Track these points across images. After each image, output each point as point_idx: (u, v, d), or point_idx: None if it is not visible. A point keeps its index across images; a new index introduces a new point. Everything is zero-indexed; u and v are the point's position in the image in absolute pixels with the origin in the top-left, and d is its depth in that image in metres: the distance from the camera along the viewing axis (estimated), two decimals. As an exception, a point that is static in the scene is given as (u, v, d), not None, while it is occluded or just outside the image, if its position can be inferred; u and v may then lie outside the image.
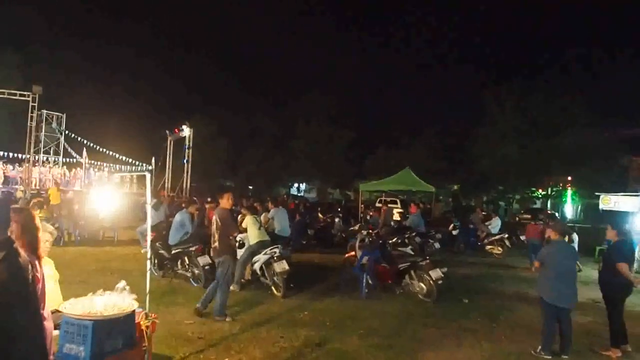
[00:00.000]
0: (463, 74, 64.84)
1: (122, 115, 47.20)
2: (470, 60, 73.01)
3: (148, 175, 5.33)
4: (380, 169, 34.33)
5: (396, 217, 18.26)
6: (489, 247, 17.02)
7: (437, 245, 15.33)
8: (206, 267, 8.70)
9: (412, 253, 10.83)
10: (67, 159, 33.82)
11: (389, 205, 22.38)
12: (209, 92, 54.17)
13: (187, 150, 32.83)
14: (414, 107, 58.40)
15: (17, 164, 29.00)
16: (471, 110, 48.33)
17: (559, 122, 31.53)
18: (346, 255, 11.35)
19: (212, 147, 41.60)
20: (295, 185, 47.84)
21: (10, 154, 28.59)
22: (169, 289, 8.70)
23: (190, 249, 9.03)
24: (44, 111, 31.43)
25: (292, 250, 10.85)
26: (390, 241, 11.46)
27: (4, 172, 27.42)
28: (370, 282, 9.04)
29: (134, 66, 53.73)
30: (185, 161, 32.66)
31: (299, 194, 42.55)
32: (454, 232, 18.09)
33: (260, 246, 8.76)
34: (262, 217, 10.28)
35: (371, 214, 20.11)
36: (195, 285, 8.93)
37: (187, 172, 32.77)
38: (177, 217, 9.61)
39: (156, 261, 9.59)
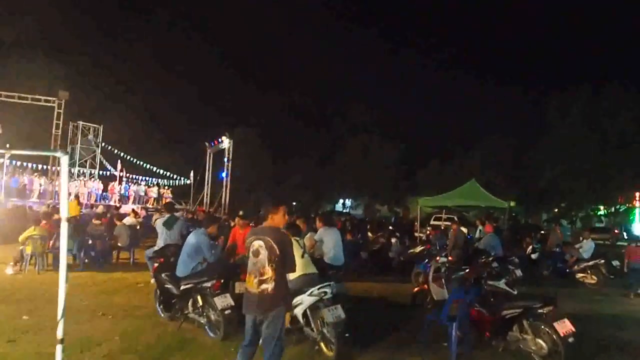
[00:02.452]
0: (520, 82, 61.00)
1: (160, 128, 46.58)
2: (529, 67, 68.83)
3: (64, 158, 2.77)
4: (434, 183, 31.70)
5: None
6: (580, 275, 13.78)
7: (518, 272, 12.27)
8: (226, 312, 6.04)
9: (512, 290, 7.93)
10: (103, 172, 32.34)
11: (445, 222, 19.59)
12: (251, 104, 52.45)
13: (226, 163, 30.85)
14: (469, 118, 54.82)
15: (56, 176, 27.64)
16: (530, 121, 44.63)
17: (630, 133, 28.68)
18: (415, 289, 8.70)
19: (255, 160, 39.75)
20: (341, 201, 45.19)
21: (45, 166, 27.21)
22: (177, 341, 6.11)
23: (205, 284, 6.37)
24: (80, 123, 30.39)
25: (342, 277, 8.04)
26: (482, 273, 8.41)
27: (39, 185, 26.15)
28: (461, 334, 6.15)
29: (174, 78, 52.44)
30: (224, 175, 30.61)
31: (344, 211, 39.83)
32: (533, 256, 15.04)
33: (304, 282, 6.02)
34: (306, 239, 7.54)
35: (429, 232, 17.34)
36: (212, 336, 6.27)
37: (226, 186, 30.69)
38: (191, 238, 6.96)
39: (162, 298, 7.03)
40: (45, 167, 27.61)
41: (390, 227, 19.57)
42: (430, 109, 62.42)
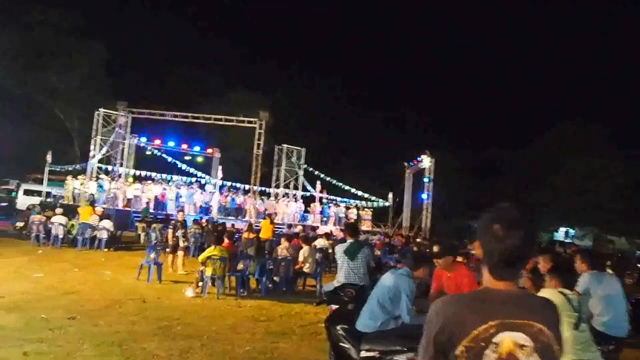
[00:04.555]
0: None
1: (359, 148, 46.33)
2: None
3: None
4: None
5: None
6: None
7: None
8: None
9: None
10: (304, 193, 32.55)
11: None
12: (450, 125, 49.38)
13: (426, 183, 28.59)
14: None
15: (265, 197, 28.63)
16: None
17: None
18: None
19: (454, 182, 36.94)
20: (561, 229, 39.22)
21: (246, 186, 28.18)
22: None
23: (398, 357, 4.17)
24: (285, 146, 31.04)
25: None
26: None
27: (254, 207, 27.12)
28: None
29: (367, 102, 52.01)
30: (424, 196, 28.36)
31: (566, 241, 34.13)
32: None
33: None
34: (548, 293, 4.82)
35: None
36: None
37: (427, 209, 28.35)
38: (388, 279, 4.74)
39: (334, 357, 5.05)
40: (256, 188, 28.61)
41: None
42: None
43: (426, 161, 28.58)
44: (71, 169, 27.92)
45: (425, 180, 28.80)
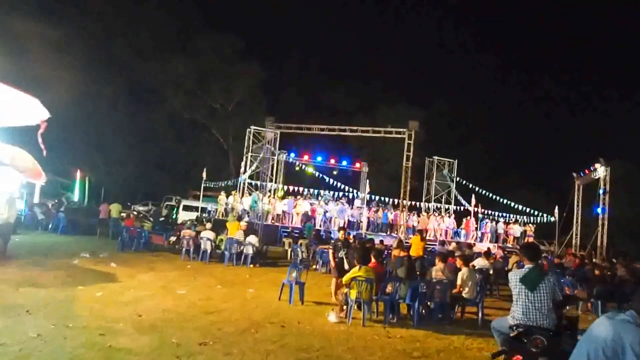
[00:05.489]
0: None
1: (519, 161, 42.80)
2: None
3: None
4: None
5: None
6: None
7: None
8: None
9: None
10: (457, 207, 30.41)
11: None
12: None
13: (602, 195, 24.92)
14: None
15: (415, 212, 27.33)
16: None
17: None
18: None
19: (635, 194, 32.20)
20: None
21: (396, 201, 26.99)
22: None
23: None
24: (435, 158, 29.57)
25: None
26: None
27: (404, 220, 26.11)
28: None
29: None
30: (600, 210, 24.72)
31: None
32: None
33: None
34: None
35: None
36: None
37: (603, 226, 24.66)
38: (602, 329, 3.28)
39: None
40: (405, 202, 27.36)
41: None
42: None
43: (600, 170, 24.94)
44: (224, 185, 29.16)
45: (600, 192, 25.10)
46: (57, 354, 5.44)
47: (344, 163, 32.74)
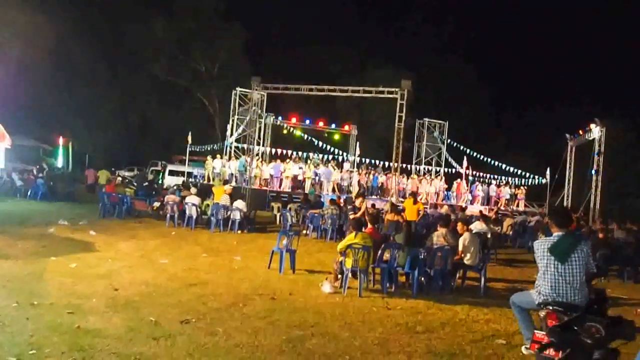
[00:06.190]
0: None
1: (510, 122, 42.28)
2: None
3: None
4: None
5: None
6: None
7: None
8: None
9: None
10: (448, 170, 29.86)
11: None
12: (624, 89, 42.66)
13: (595, 157, 24.47)
14: None
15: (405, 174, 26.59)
16: None
17: None
18: None
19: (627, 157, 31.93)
20: None
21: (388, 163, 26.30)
22: None
23: None
24: (426, 120, 28.86)
25: None
26: None
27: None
28: None
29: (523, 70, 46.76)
30: (593, 172, 24.31)
31: None
32: None
33: None
34: None
35: None
36: None
37: (596, 187, 24.30)
38: None
39: None
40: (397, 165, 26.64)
41: None
42: None
43: (596, 131, 24.37)
44: (210, 149, 28.30)
45: (594, 153, 24.62)
46: (15, 338, 4.73)
47: (333, 126, 32.04)
